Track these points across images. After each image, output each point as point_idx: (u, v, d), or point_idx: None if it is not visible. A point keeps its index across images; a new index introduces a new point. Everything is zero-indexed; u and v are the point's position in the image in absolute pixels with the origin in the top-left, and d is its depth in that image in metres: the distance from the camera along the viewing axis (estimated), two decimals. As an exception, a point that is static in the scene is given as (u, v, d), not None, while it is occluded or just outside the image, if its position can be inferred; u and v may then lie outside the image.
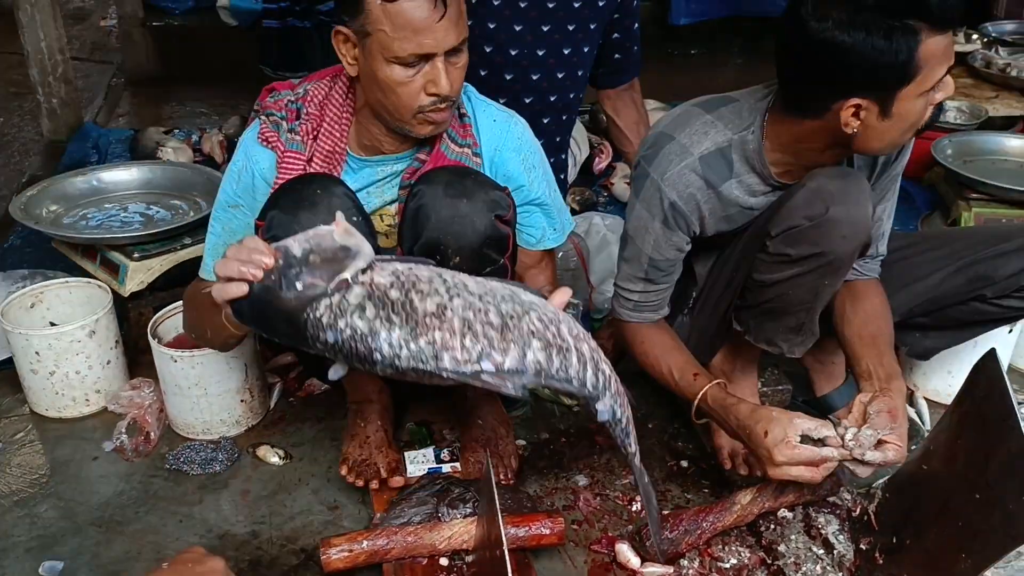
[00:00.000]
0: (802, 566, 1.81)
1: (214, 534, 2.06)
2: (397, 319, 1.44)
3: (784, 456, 1.71)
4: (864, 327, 1.98)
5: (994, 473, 1.37)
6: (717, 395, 1.89)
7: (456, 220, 1.80)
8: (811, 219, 1.76)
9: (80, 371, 2.38)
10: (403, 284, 1.46)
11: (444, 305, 1.46)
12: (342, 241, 1.45)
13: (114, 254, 2.60)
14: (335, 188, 1.82)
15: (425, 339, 1.45)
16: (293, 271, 1.42)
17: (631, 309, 2.04)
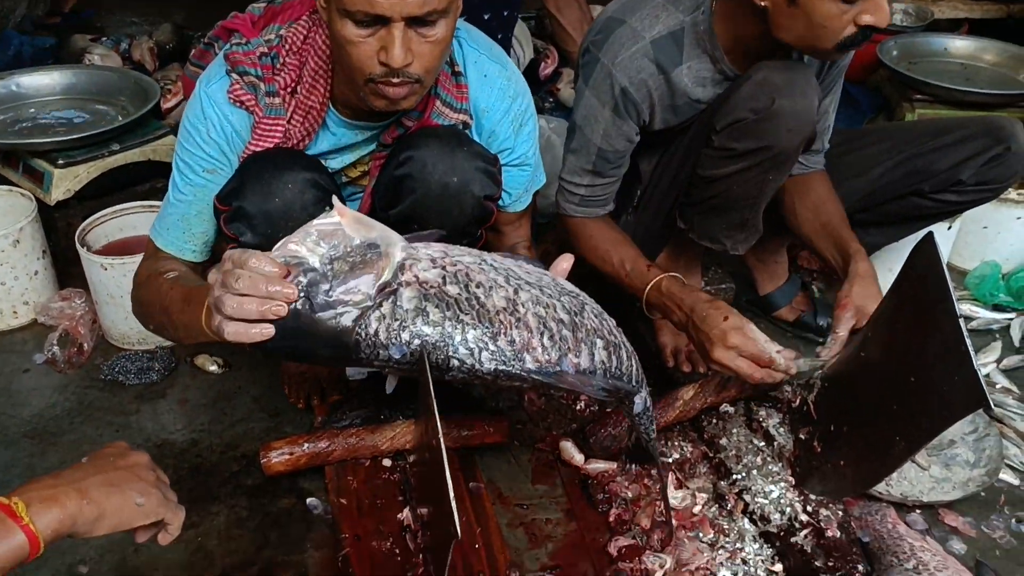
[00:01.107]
0: (743, 458, 1.83)
1: (152, 443, 2.02)
2: (468, 318, 1.32)
3: (737, 341, 1.70)
4: (816, 219, 1.97)
5: (929, 356, 1.39)
6: (673, 283, 1.86)
7: (444, 199, 1.67)
8: (756, 112, 1.73)
9: (5, 282, 2.29)
10: (456, 276, 1.33)
11: (512, 300, 1.36)
12: (361, 236, 1.26)
13: (37, 161, 2.48)
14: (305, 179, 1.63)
15: (505, 339, 1.35)
16: (322, 289, 1.22)
17: (577, 204, 2.00)
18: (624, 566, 1.69)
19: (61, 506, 1.11)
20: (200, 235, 1.73)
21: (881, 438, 1.53)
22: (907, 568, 1.64)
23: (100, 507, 1.15)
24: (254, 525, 1.82)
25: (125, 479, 1.20)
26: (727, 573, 1.66)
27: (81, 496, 1.14)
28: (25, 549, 1.08)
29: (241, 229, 1.64)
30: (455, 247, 1.40)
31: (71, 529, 1.13)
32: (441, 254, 1.36)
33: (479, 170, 1.69)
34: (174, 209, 1.71)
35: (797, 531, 1.67)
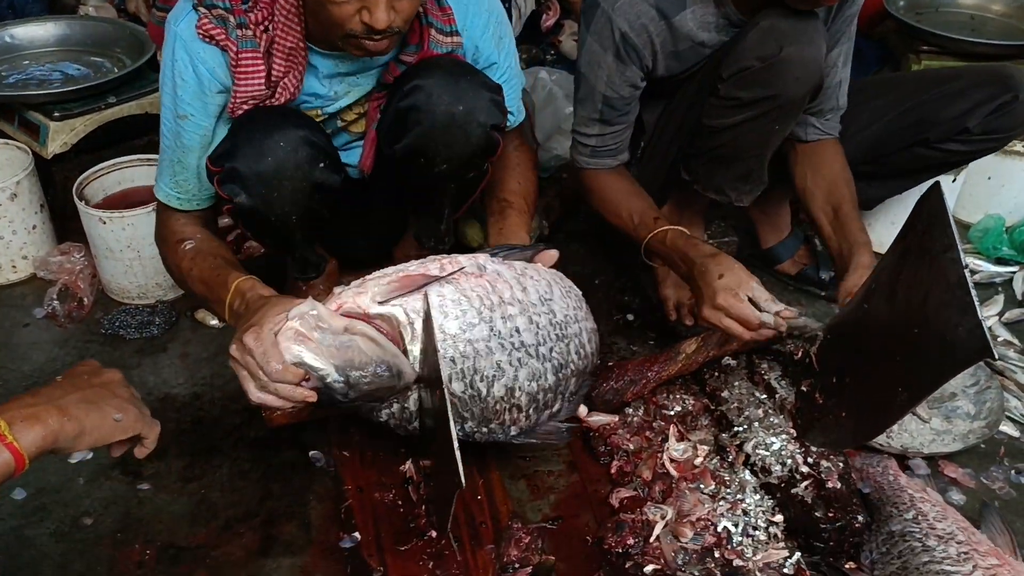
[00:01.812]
0: (745, 410, 1.83)
1: (155, 397, 2.02)
2: (468, 414, 1.54)
3: (726, 302, 1.68)
4: (827, 200, 1.94)
5: (933, 306, 1.37)
6: (678, 236, 1.83)
7: (451, 130, 1.65)
8: (763, 60, 1.70)
9: (4, 236, 2.28)
10: (463, 372, 1.51)
11: (511, 388, 1.55)
12: (375, 355, 1.40)
13: (33, 114, 2.46)
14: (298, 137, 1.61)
15: (496, 422, 1.57)
16: (338, 395, 1.40)
17: (589, 155, 1.97)
18: (625, 517, 1.70)
19: (43, 423, 1.15)
20: (183, 183, 1.71)
21: (883, 389, 1.53)
22: (907, 518, 1.65)
23: (80, 423, 1.19)
24: (257, 477, 1.83)
25: (102, 396, 1.25)
26: (728, 524, 1.66)
27: (61, 413, 1.17)
28: (11, 466, 1.12)
29: (235, 190, 1.62)
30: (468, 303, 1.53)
31: (53, 445, 1.16)
32: (454, 331, 1.50)
33: (485, 99, 1.67)
34: (164, 157, 1.71)
35: (798, 482, 1.67)
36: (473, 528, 1.62)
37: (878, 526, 1.66)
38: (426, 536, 1.59)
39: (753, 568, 1.61)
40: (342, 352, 1.37)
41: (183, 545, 1.69)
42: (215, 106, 1.65)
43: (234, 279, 1.55)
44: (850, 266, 1.80)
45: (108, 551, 1.68)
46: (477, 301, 1.53)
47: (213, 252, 1.67)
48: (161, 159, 1.73)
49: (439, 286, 1.53)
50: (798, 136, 1.99)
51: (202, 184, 1.72)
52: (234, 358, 1.39)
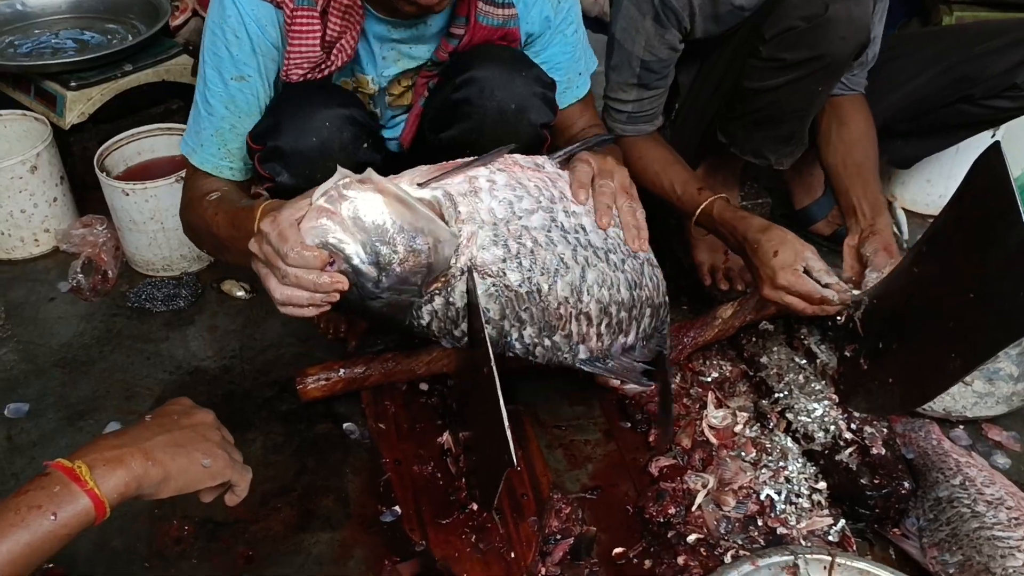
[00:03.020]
0: (784, 376, 1.80)
1: (184, 370, 2.00)
2: (527, 315, 1.34)
3: (787, 281, 1.65)
4: (849, 155, 1.89)
5: (991, 270, 1.33)
6: (725, 208, 1.79)
7: (500, 126, 1.59)
8: (808, 20, 1.65)
9: (25, 210, 2.25)
10: (519, 258, 1.33)
11: (577, 288, 1.37)
12: (405, 220, 1.22)
13: (49, 84, 2.42)
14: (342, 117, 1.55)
15: (562, 333, 1.38)
16: (370, 281, 1.22)
17: (625, 121, 1.92)
18: (666, 486, 1.68)
19: (126, 468, 1.08)
20: (238, 151, 1.61)
21: (935, 356, 1.49)
22: (954, 484, 1.62)
23: (166, 469, 1.12)
24: (291, 451, 1.81)
25: (191, 439, 1.17)
26: (771, 491, 1.64)
27: (146, 457, 1.10)
28: (91, 514, 1.04)
29: (277, 169, 1.55)
30: (523, 190, 1.37)
31: (136, 492, 1.09)
32: (506, 214, 1.33)
33: (537, 96, 1.61)
34: (207, 123, 1.59)
35: (841, 449, 1.65)
36: (514, 500, 1.61)
37: (924, 492, 1.64)
38: (467, 509, 1.57)
39: (797, 536, 1.59)
40: (370, 225, 1.20)
41: (220, 520, 1.68)
42: (268, 68, 1.57)
43: (262, 203, 1.42)
44: (870, 229, 1.76)
45: (146, 527, 1.67)
46: (535, 191, 1.40)
47: (240, 196, 1.58)
48: (200, 127, 1.60)
49: (488, 171, 1.38)
50: None
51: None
52: (254, 254, 1.25)
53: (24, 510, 1.00)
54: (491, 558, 1.50)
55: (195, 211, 1.59)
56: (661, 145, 1.94)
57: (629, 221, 1.51)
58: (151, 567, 1.60)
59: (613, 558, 1.59)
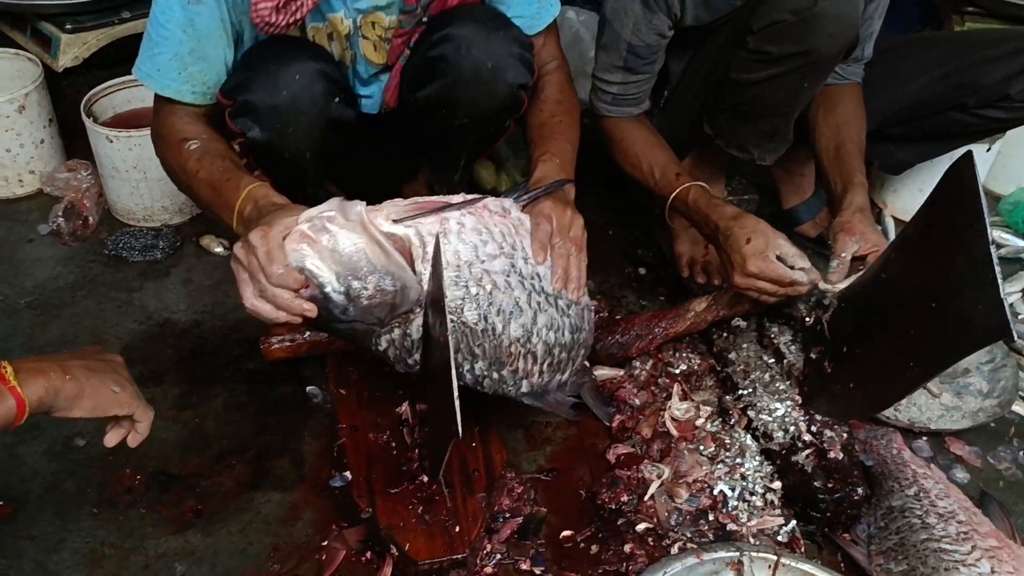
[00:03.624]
0: (751, 373, 1.79)
1: (154, 321, 2.00)
2: (479, 350, 1.44)
3: (757, 268, 1.65)
4: (834, 137, 1.88)
5: (954, 280, 1.32)
6: (700, 195, 1.79)
7: (476, 85, 1.60)
8: (796, 13, 1.62)
9: (11, 149, 2.24)
10: (477, 299, 1.41)
11: (528, 330, 1.47)
12: (380, 263, 1.31)
13: (45, 25, 2.40)
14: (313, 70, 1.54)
15: (510, 368, 1.48)
16: (338, 309, 1.30)
17: (610, 103, 1.91)
18: (621, 473, 1.68)
19: (46, 377, 1.19)
20: (198, 75, 1.56)
21: (895, 362, 1.48)
22: (908, 494, 1.61)
23: (80, 386, 1.22)
24: (253, 410, 1.81)
25: (103, 369, 1.28)
26: (725, 487, 1.64)
27: (64, 372, 1.21)
28: (12, 411, 1.14)
29: (248, 124, 1.55)
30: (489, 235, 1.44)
31: (53, 400, 1.19)
32: (470, 257, 1.42)
33: (515, 56, 1.61)
34: (163, 47, 1.54)
35: (799, 450, 1.64)
36: (466, 475, 1.60)
37: (878, 500, 1.63)
38: (417, 480, 1.57)
39: (747, 533, 1.58)
40: (346, 260, 1.29)
41: (174, 473, 1.68)
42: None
43: (247, 184, 1.44)
44: (844, 205, 1.76)
45: (99, 474, 1.67)
46: (499, 236, 1.47)
47: (220, 154, 1.54)
48: (155, 52, 1.55)
49: (459, 214, 1.45)
50: None
51: (224, 76, 1.60)
52: (236, 259, 1.30)
53: None
54: (435, 530, 1.50)
55: (173, 154, 1.57)
56: (645, 128, 1.93)
57: (571, 272, 1.56)
58: (99, 513, 1.61)
59: (560, 540, 1.59)
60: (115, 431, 1.34)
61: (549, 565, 1.55)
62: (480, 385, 1.50)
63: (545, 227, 1.53)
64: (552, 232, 1.53)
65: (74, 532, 1.57)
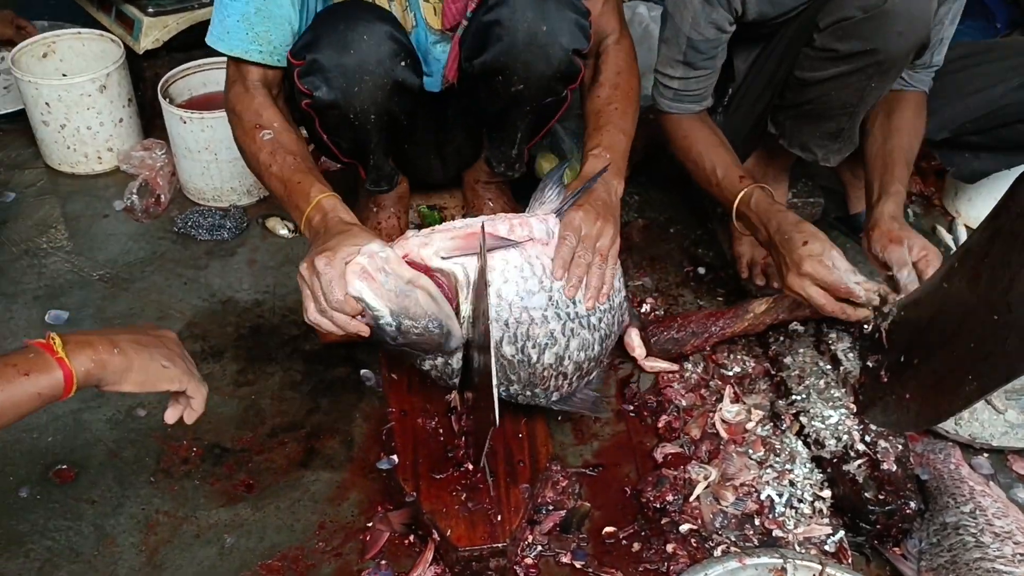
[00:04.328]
0: (806, 379, 1.76)
1: (217, 299, 2.05)
2: (515, 376, 1.53)
3: (812, 269, 1.61)
4: (883, 142, 1.82)
5: (1017, 294, 1.27)
6: (762, 199, 1.75)
7: (531, 49, 1.60)
8: (866, 11, 1.58)
9: (91, 127, 2.32)
10: (515, 336, 1.49)
11: (561, 356, 1.53)
12: (430, 310, 1.41)
13: (129, 8, 2.49)
14: (381, 32, 1.58)
15: (542, 387, 1.56)
16: (388, 336, 1.41)
17: (671, 99, 1.89)
18: (668, 473, 1.67)
19: (94, 349, 1.18)
20: (264, 35, 1.60)
21: (952, 376, 1.44)
22: (963, 511, 1.57)
23: (129, 360, 1.22)
24: (307, 390, 1.85)
25: (154, 343, 1.28)
26: (773, 492, 1.61)
27: (113, 345, 1.21)
28: (60, 383, 1.14)
29: (316, 83, 1.59)
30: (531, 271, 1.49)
31: (101, 373, 1.19)
32: (511, 297, 1.48)
33: (570, 21, 1.61)
34: (231, 10, 1.59)
35: (851, 459, 1.61)
36: (511, 466, 1.61)
37: (932, 515, 1.59)
38: (462, 467, 1.58)
39: (793, 541, 1.56)
40: (400, 299, 1.38)
41: (228, 447, 1.73)
42: None
43: (317, 192, 1.51)
44: (874, 214, 1.72)
45: (158, 443, 1.73)
46: (540, 270, 1.51)
47: (293, 150, 1.59)
48: (225, 15, 1.60)
49: (504, 251, 1.50)
50: None
51: (290, 37, 1.64)
52: (302, 276, 1.40)
53: (1, 366, 1.12)
54: (477, 518, 1.51)
55: (247, 141, 1.61)
56: (707, 126, 1.90)
57: (592, 283, 1.56)
58: (156, 481, 1.66)
59: (603, 536, 1.59)
60: (173, 408, 1.36)
61: (590, 560, 1.55)
62: (514, 400, 1.59)
63: (569, 243, 1.53)
64: (575, 246, 1.54)
65: (131, 498, 1.63)
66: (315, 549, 1.55)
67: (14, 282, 2.07)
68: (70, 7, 2.85)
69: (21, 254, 2.15)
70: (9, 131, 2.57)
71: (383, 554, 1.55)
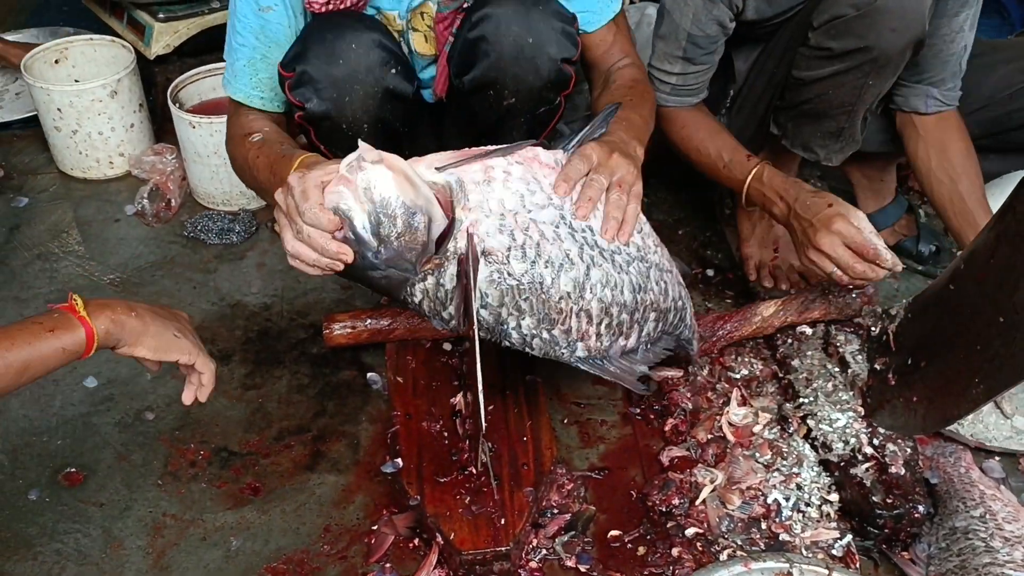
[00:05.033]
0: (813, 382, 1.75)
1: (226, 303, 2.07)
2: (527, 305, 1.35)
3: (842, 227, 1.57)
4: (952, 189, 1.80)
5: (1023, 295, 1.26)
6: (775, 173, 1.72)
7: (519, 62, 1.58)
8: (858, 8, 1.57)
9: (103, 132, 2.34)
10: (524, 248, 1.33)
11: (580, 284, 1.36)
12: (407, 197, 1.27)
13: (140, 13, 2.51)
14: (370, 40, 1.57)
15: (561, 327, 1.37)
16: (370, 251, 1.28)
17: (669, 93, 1.87)
18: (674, 476, 1.66)
19: (113, 310, 1.29)
20: (267, 81, 1.64)
21: (959, 378, 1.42)
22: (973, 515, 1.55)
23: (145, 324, 1.32)
24: (314, 392, 1.86)
25: (168, 316, 1.38)
26: (779, 496, 1.60)
27: (131, 310, 1.31)
28: (82, 340, 1.24)
29: (306, 95, 1.58)
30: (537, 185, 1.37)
31: (119, 333, 1.28)
32: (515, 205, 1.33)
33: (556, 30, 1.58)
34: (240, 54, 1.64)
35: (859, 463, 1.59)
36: (515, 469, 1.61)
37: (941, 519, 1.57)
38: (466, 471, 1.58)
39: (800, 545, 1.55)
40: (377, 197, 1.26)
41: (235, 450, 1.73)
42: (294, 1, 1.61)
43: (300, 155, 1.47)
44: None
45: (166, 446, 1.74)
46: (548, 188, 1.38)
47: (281, 140, 1.61)
48: (234, 59, 1.65)
49: (506, 162, 1.37)
50: (916, 108, 1.85)
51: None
52: (276, 202, 1.32)
53: (28, 324, 1.23)
54: (481, 521, 1.51)
55: (239, 149, 1.64)
56: (705, 115, 1.88)
57: (610, 212, 1.42)
58: (163, 484, 1.67)
59: (607, 540, 1.59)
60: (188, 389, 1.44)
61: (595, 564, 1.54)
62: (529, 346, 1.39)
63: (577, 163, 1.40)
64: (589, 168, 1.41)
65: (139, 501, 1.64)
66: (320, 552, 1.56)
67: (26, 286, 2.09)
68: (82, 13, 2.88)
69: (33, 258, 2.18)
70: (22, 137, 2.59)
71: (388, 557, 1.55)
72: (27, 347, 1.20)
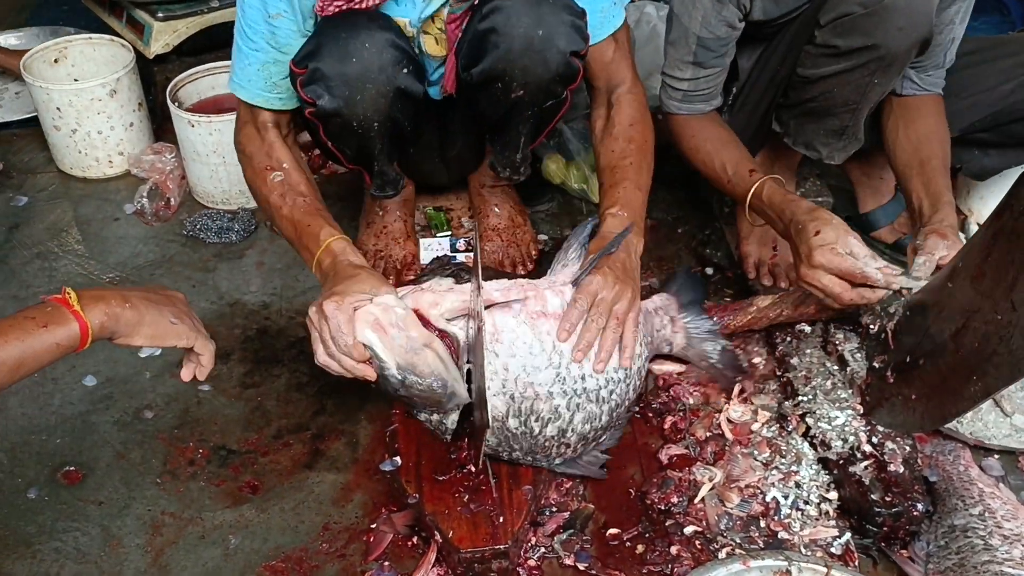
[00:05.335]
0: (812, 380, 1.74)
1: (225, 301, 2.07)
2: (517, 445, 1.54)
3: (824, 259, 1.57)
4: (915, 153, 1.78)
5: (1021, 293, 1.26)
6: (776, 190, 1.72)
7: (528, 54, 1.58)
8: (865, 6, 1.57)
9: (102, 131, 2.34)
10: (520, 410, 1.49)
11: (564, 430, 1.53)
12: (437, 371, 1.41)
13: (139, 13, 2.51)
14: (383, 40, 1.58)
15: (543, 454, 1.57)
16: (392, 386, 1.43)
17: (680, 100, 1.87)
18: (673, 474, 1.66)
19: (107, 303, 1.26)
20: (282, 83, 1.66)
21: (957, 376, 1.42)
22: (972, 513, 1.55)
23: (140, 314, 1.29)
24: (313, 391, 1.86)
25: (163, 301, 1.37)
26: (778, 494, 1.61)
27: (124, 300, 1.29)
28: (76, 334, 1.21)
29: (318, 92, 1.59)
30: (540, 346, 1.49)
31: (114, 326, 1.26)
32: (517, 371, 1.48)
33: (566, 23, 1.59)
34: (252, 59, 1.65)
35: (858, 461, 1.59)
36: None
37: (940, 517, 1.57)
38: (464, 469, 1.58)
39: (798, 543, 1.55)
40: (409, 356, 1.39)
41: (234, 448, 1.74)
42: (305, 4, 1.61)
43: (327, 236, 1.55)
44: (932, 223, 1.66)
45: (164, 445, 1.74)
46: (550, 346, 1.50)
47: (303, 191, 1.64)
48: (247, 63, 1.65)
49: (515, 323, 1.50)
50: (893, 89, 1.85)
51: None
52: (311, 320, 1.42)
53: (21, 319, 1.21)
54: (479, 519, 1.51)
55: (259, 183, 1.67)
56: (717, 124, 1.88)
57: (604, 346, 1.52)
58: (162, 483, 1.67)
59: (606, 538, 1.59)
60: (187, 366, 1.43)
61: (593, 562, 1.54)
62: (515, 461, 1.59)
63: (580, 306, 1.50)
64: (587, 310, 1.51)
65: (138, 500, 1.64)
66: (319, 550, 1.56)
67: (26, 285, 2.10)
68: (81, 12, 2.89)
69: (33, 257, 2.18)
70: (22, 136, 2.60)
71: (386, 556, 1.55)
72: (20, 343, 1.18)
